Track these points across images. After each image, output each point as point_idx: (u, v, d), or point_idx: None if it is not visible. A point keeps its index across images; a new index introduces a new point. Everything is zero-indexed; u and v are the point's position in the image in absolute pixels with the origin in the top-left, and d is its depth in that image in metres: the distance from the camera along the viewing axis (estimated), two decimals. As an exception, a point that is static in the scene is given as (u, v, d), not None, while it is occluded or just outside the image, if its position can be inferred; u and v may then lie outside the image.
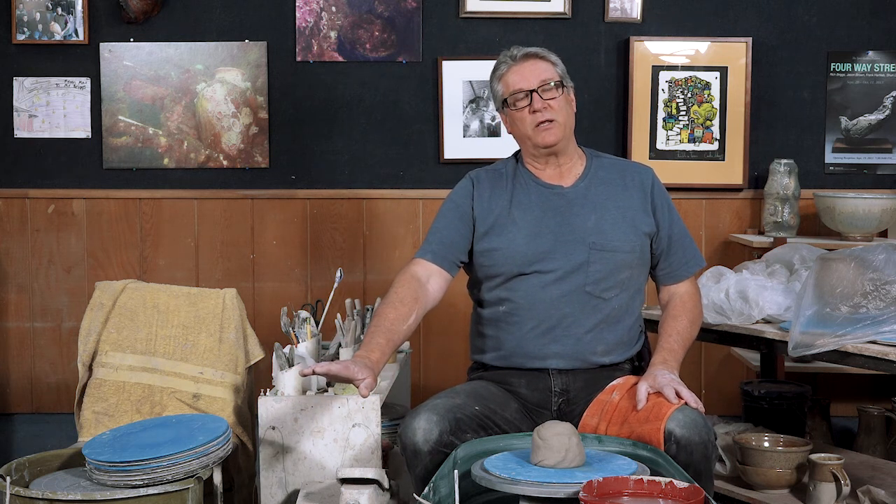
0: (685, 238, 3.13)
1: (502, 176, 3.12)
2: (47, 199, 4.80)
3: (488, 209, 3.07)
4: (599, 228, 3.01)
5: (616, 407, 2.86)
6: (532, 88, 3.01)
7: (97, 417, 3.45)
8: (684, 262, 3.11)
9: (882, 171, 4.81)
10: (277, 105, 4.78)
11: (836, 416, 4.58)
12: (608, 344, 3.01)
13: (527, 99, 3.01)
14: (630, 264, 3.02)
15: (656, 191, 3.11)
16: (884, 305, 3.05)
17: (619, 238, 3.01)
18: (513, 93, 3.03)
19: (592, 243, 2.99)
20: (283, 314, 3.41)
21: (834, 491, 3.29)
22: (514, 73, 3.05)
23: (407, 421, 2.78)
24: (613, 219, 3.03)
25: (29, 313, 4.82)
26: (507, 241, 3.01)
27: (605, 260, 2.99)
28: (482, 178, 3.13)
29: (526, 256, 2.99)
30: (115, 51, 4.75)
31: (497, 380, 3.03)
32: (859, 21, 4.76)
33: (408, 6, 4.74)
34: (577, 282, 2.98)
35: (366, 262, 4.80)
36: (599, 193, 3.06)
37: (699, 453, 2.70)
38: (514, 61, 3.06)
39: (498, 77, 3.09)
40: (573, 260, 2.98)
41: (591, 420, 2.88)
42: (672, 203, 3.15)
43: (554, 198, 3.05)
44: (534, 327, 2.98)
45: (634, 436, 2.75)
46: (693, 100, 4.74)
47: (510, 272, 3.00)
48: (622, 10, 4.74)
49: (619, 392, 2.90)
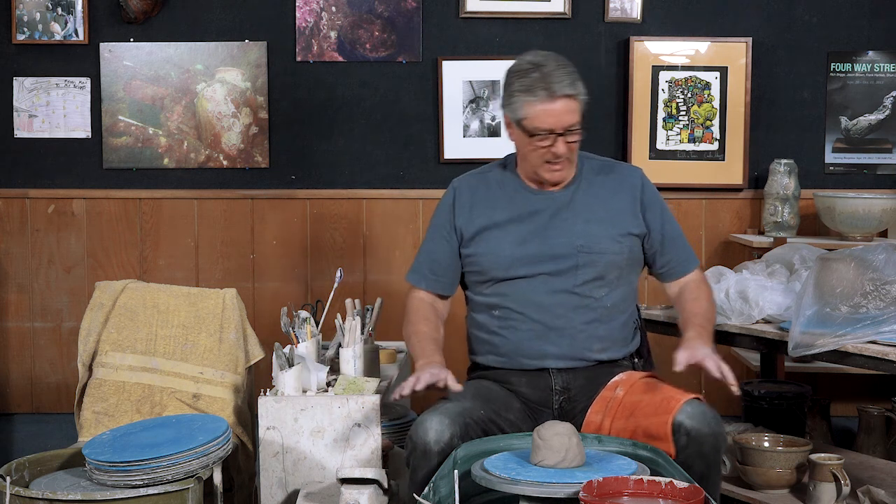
0: (680, 236, 3.13)
1: (488, 182, 3.11)
2: (47, 199, 4.80)
3: (470, 218, 3.07)
4: (587, 231, 3.00)
5: (620, 402, 2.87)
6: (559, 133, 2.92)
7: (97, 417, 3.45)
8: (684, 259, 3.11)
9: (882, 171, 4.81)
10: (277, 105, 4.78)
11: (836, 416, 4.58)
12: (603, 341, 3.01)
13: (549, 139, 2.92)
14: (619, 265, 3.02)
15: (646, 191, 3.10)
16: (884, 305, 3.05)
17: (606, 240, 3.00)
18: (536, 126, 2.91)
19: (580, 246, 2.99)
20: (283, 314, 3.41)
21: (834, 491, 3.29)
22: (545, 111, 2.89)
23: (419, 421, 2.79)
24: (601, 221, 3.02)
25: (29, 313, 4.82)
26: (492, 245, 3.02)
27: (593, 262, 2.99)
28: (463, 188, 3.12)
29: (513, 260, 2.99)
30: (115, 51, 4.75)
31: (498, 379, 3.04)
32: (859, 21, 4.76)
33: (408, 6, 4.74)
34: (566, 284, 2.98)
35: (366, 262, 4.80)
36: (587, 196, 3.05)
37: (710, 444, 2.71)
38: (550, 98, 2.88)
39: (524, 98, 2.90)
40: (561, 263, 2.98)
41: (596, 417, 2.89)
42: (664, 202, 3.14)
43: (542, 202, 3.05)
44: (528, 330, 2.99)
45: (641, 429, 2.76)
46: (693, 100, 4.74)
47: (498, 276, 3.01)
48: (622, 10, 4.74)
49: (623, 387, 2.91)
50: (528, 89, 2.90)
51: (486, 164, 3.20)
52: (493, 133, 4.75)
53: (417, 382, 2.78)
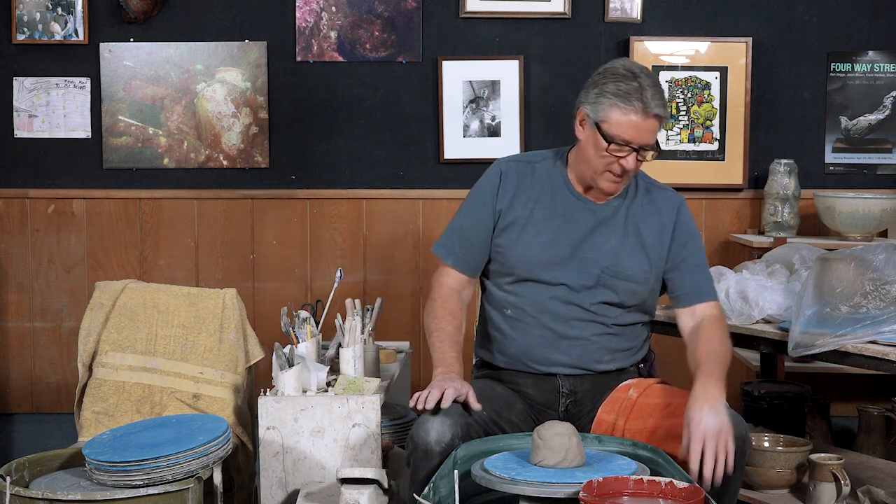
0: (702, 267, 3.03)
1: (535, 172, 3.04)
2: (47, 199, 4.80)
3: (511, 204, 3.01)
4: (616, 253, 2.96)
5: (634, 404, 2.87)
6: (635, 147, 2.85)
7: (97, 417, 3.45)
8: (700, 289, 3.01)
9: (882, 171, 4.81)
10: (277, 105, 4.78)
11: (836, 416, 4.58)
12: (614, 353, 3.00)
13: (624, 151, 2.85)
14: (640, 294, 2.99)
15: (680, 220, 3.03)
16: (884, 305, 3.05)
17: (632, 268, 2.96)
18: (618, 135, 2.84)
19: (606, 267, 2.95)
20: (283, 314, 3.41)
21: (834, 491, 3.28)
22: (633, 124, 2.83)
23: (420, 421, 2.77)
24: (633, 246, 2.97)
25: (29, 313, 4.82)
26: (524, 242, 2.98)
27: (615, 286, 2.96)
28: (511, 172, 3.04)
29: (538, 263, 2.96)
30: (115, 51, 4.75)
31: (504, 379, 3.03)
32: (859, 21, 4.76)
33: (408, 6, 4.74)
34: (584, 300, 2.95)
35: (366, 262, 4.80)
36: (626, 217, 3.00)
37: (737, 447, 2.67)
38: (644, 113, 2.82)
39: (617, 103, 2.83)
40: (583, 279, 2.95)
41: (608, 416, 2.88)
42: (697, 232, 3.06)
43: (581, 211, 2.99)
44: (539, 335, 2.97)
45: (663, 429, 2.76)
46: (693, 100, 4.74)
47: (520, 275, 2.98)
48: (622, 10, 4.74)
49: (636, 389, 2.91)
50: (623, 96, 2.83)
51: (535, 152, 3.13)
52: (493, 133, 4.75)
53: (444, 400, 2.72)
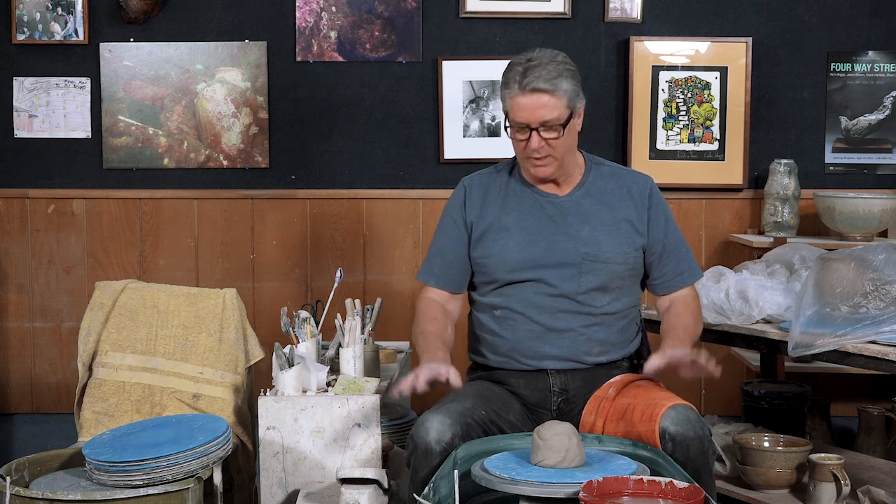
0: (681, 248, 3.08)
1: (496, 181, 3.09)
2: (47, 199, 4.80)
3: (480, 216, 3.05)
4: (593, 239, 2.98)
5: (612, 403, 2.87)
6: (533, 127, 2.89)
7: (97, 417, 3.45)
8: (678, 273, 3.06)
9: (882, 171, 4.81)
10: (277, 105, 4.78)
11: (836, 416, 4.58)
12: (603, 345, 3.00)
13: (525, 133, 2.91)
14: (622, 275, 3.00)
15: (653, 201, 3.06)
16: (884, 305, 3.05)
17: (611, 250, 2.98)
18: (513, 119, 2.91)
19: (585, 254, 2.97)
20: (283, 314, 3.41)
21: (834, 491, 3.29)
22: (517, 104, 2.89)
23: (420, 421, 2.78)
24: (608, 230, 3.00)
25: (29, 313, 4.82)
26: (499, 248, 3.00)
27: (597, 271, 2.97)
28: (474, 185, 3.11)
29: (518, 264, 2.98)
30: (115, 51, 4.75)
31: (497, 380, 3.04)
32: (859, 21, 4.76)
33: (408, 6, 4.74)
34: (568, 289, 2.97)
35: (366, 262, 4.80)
36: (595, 203, 3.03)
37: (695, 448, 2.70)
38: (521, 90, 2.87)
39: (504, 90, 2.93)
40: (565, 269, 2.97)
41: (589, 417, 2.89)
42: (670, 213, 3.10)
43: (548, 206, 3.03)
44: (528, 330, 2.98)
45: (633, 434, 2.76)
46: (693, 100, 4.74)
47: (502, 279, 3.00)
48: (622, 10, 4.74)
49: (615, 388, 2.91)
50: (506, 82, 2.92)
51: (496, 164, 3.17)
52: (493, 133, 4.75)
53: (416, 380, 2.74)
